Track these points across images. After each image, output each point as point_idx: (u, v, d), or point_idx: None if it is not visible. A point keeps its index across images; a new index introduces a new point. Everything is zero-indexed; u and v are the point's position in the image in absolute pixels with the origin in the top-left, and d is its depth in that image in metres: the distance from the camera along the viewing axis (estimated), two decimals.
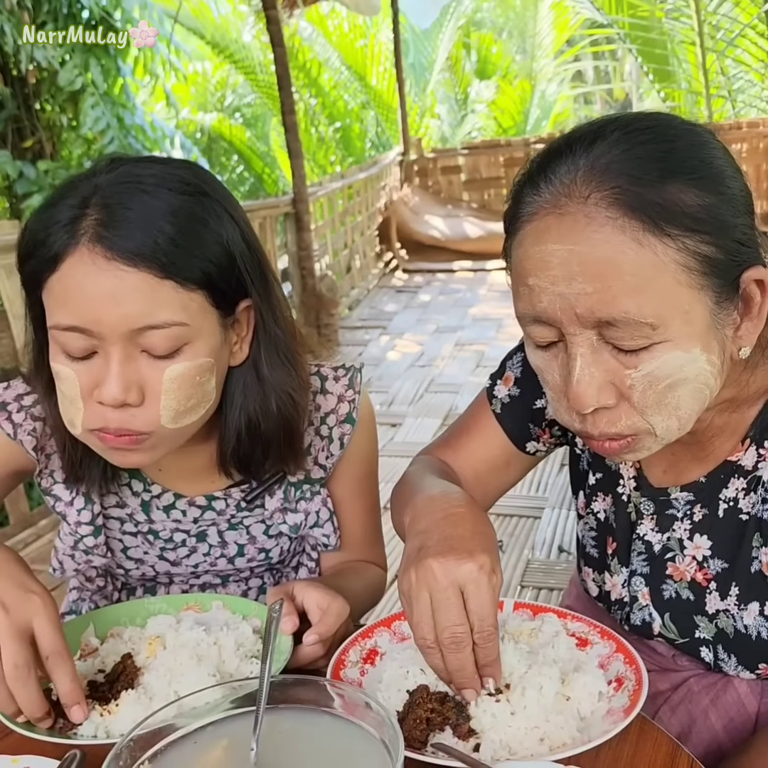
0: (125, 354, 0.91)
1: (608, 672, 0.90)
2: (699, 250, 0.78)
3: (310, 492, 1.16)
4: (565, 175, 0.80)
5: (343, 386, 1.17)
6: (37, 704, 0.84)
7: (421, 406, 4.67)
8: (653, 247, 0.76)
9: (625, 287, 0.76)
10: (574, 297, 0.78)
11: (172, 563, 1.19)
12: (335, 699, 0.71)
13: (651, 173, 0.77)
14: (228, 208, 0.98)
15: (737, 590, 0.95)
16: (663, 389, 0.81)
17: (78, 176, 0.96)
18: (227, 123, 11.55)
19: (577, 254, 0.77)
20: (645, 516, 1.03)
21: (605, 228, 0.77)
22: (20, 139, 6.57)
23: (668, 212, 0.76)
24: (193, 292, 0.92)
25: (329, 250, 7.28)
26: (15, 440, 1.09)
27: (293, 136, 5.74)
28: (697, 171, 0.79)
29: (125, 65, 6.93)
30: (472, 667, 0.82)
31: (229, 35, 11.03)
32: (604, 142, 0.80)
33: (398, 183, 9.42)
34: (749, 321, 0.84)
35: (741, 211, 0.81)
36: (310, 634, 0.94)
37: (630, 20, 9.61)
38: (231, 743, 0.72)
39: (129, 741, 0.68)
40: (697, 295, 0.79)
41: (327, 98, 11.77)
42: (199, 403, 0.97)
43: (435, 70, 12.93)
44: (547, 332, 0.83)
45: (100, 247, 0.89)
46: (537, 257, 0.80)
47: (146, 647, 0.98)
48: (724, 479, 0.96)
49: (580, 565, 1.16)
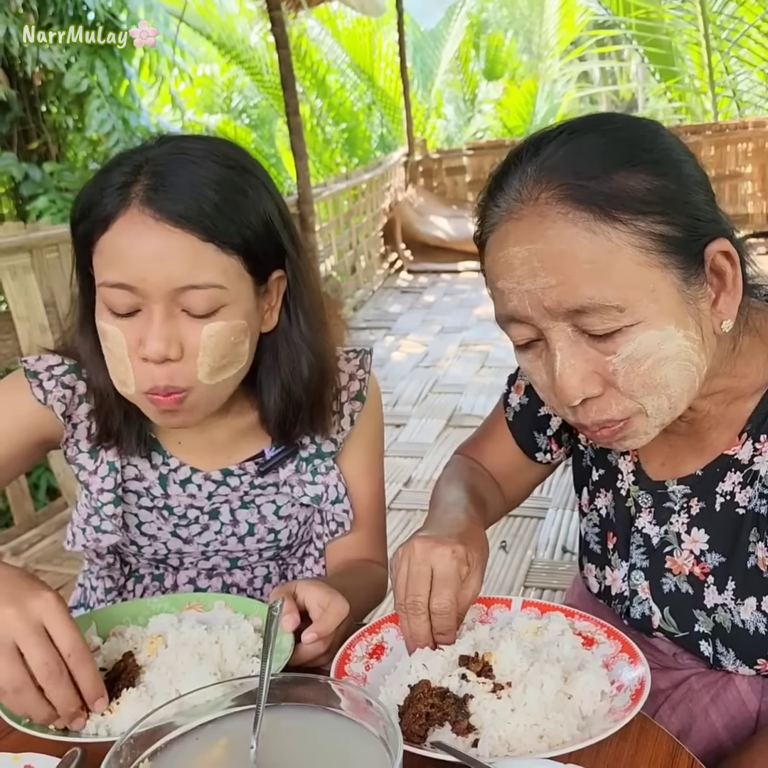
0: (167, 312, 0.97)
1: (612, 672, 0.90)
2: (653, 231, 0.81)
3: (324, 467, 1.20)
4: (517, 184, 0.85)
5: (354, 365, 1.24)
6: (74, 699, 0.84)
7: (425, 406, 4.68)
8: (606, 234, 0.80)
9: (585, 275, 0.80)
10: (540, 291, 0.82)
11: (184, 541, 1.22)
12: (335, 697, 0.71)
13: (595, 166, 0.81)
14: (266, 183, 1.05)
15: (734, 584, 0.95)
16: (646, 370, 0.83)
17: (129, 150, 1.04)
18: (232, 125, 11.57)
19: (535, 252, 0.82)
20: (643, 509, 1.04)
21: (557, 223, 0.81)
22: (26, 141, 6.60)
23: (616, 199, 0.80)
24: (231, 257, 0.99)
25: (334, 250, 7.28)
26: (45, 405, 1.12)
27: (298, 137, 5.75)
28: (641, 157, 0.82)
29: (131, 67, 6.95)
30: (426, 633, 0.92)
31: (235, 35, 11.05)
32: (549, 146, 0.84)
33: (403, 184, 9.42)
34: (726, 294, 0.86)
35: (694, 189, 0.85)
36: (309, 633, 0.95)
37: (636, 21, 9.61)
38: (231, 741, 0.72)
39: (129, 739, 0.68)
40: (661, 274, 0.82)
41: (334, 99, 11.79)
42: (232, 363, 1.03)
43: (441, 70, 12.93)
44: (524, 330, 0.87)
45: (150, 209, 0.96)
46: (501, 261, 0.85)
47: (148, 646, 0.98)
48: (720, 473, 0.97)
49: (583, 563, 1.17)
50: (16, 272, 3.07)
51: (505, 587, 2.73)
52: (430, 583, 0.91)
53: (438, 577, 0.91)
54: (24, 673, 0.82)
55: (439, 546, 0.92)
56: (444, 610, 0.91)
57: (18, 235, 3.12)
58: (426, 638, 0.92)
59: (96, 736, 0.86)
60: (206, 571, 1.26)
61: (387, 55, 11.81)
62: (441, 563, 0.91)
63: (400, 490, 3.63)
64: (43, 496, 4.39)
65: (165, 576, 1.26)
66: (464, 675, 0.87)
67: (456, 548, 0.92)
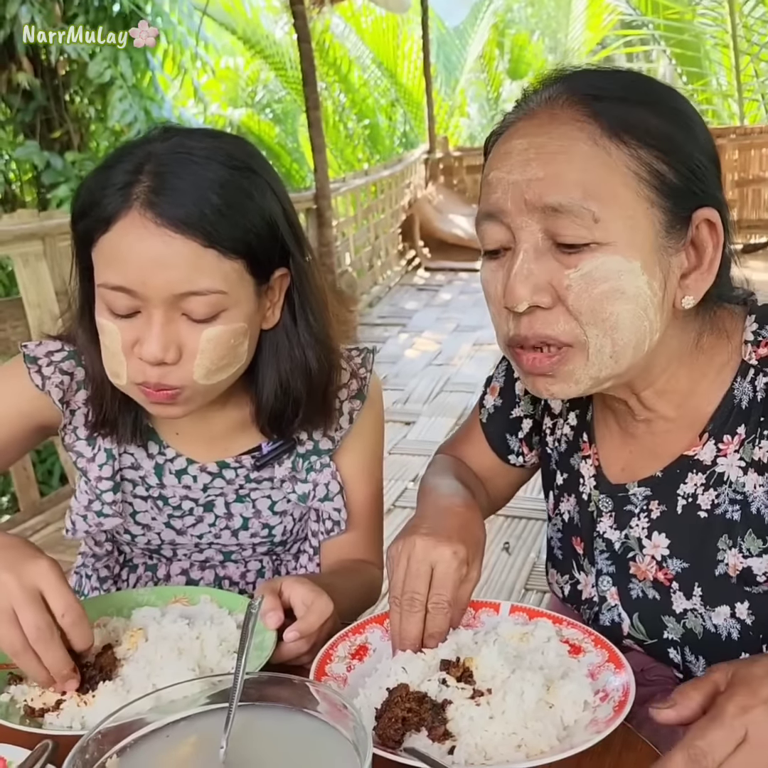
0: (167, 316, 0.97)
1: (597, 681, 0.88)
2: (652, 164, 0.83)
3: (319, 464, 1.19)
4: (541, 90, 0.89)
5: (356, 364, 1.23)
6: (64, 661, 0.87)
7: (435, 404, 4.65)
8: (607, 149, 0.82)
9: (574, 176, 0.82)
10: (526, 183, 0.83)
11: (177, 532, 1.21)
12: (310, 698, 0.70)
13: (621, 93, 0.85)
14: (271, 184, 1.04)
15: (700, 591, 0.93)
16: (599, 295, 0.82)
17: (132, 142, 1.02)
18: (256, 119, 11.60)
19: (535, 144, 0.84)
20: (604, 513, 1.03)
21: (566, 125, 0.84)
22: (49, 129, 6.65)
23: (628, 123, 0.83)
24: (233, 261, 0.98)
25: (351, 246, 7.27)
26: (43, 391, 1.13)
27: (317, 131, 5.75)
28: (665, 102, 0.87)
29: (154, 59, 6.97)
30: (417, 632, 0.91)
31: (260, 31, 11.07)
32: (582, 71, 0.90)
33: (423, 181, 9.40)
34: (699, 273, 0.87)
35: (702, 151, 0.86)
36: (291, 631, 0.94)
37: (664, 21, 9.52)
38: (201, 740, 0.71)
39: (97, 734, 0.66)
40: (645, 208, 0.83)
41: (357, 95, 11.78)
42: (231, 364, 1.03)
43: (465, 69, 12.88)
44: (497, 231, 0.87)
45: (151, 212, 0.94)
46: (501, 152, 0.87)
47: (128, 639, 0.97)
48: (681, 474, 0.95)
49: (548, 567, 1.16)
50: (29, 259, 3.09)
51: (506, 589, 2.72)
52: (429, 582, 0.91)
53: (438, 577, 0.91)
54: (21, 637, 0.85)
55: (441, 546, 0.91)
56: (442, 608, 0.91)
57: (31, 223, 3.14)
58: (416, 638, 0.91)
59: (70, 729, 0.85)
60: (199, 563, 1.25)
61: (411, 52, 11.79)
62: (442, 563, 0.91)
63: (406, 488, 3.62)
64: (57, 482, 4.42)
65: (158, 566, 1.26)
66: (444, 680, 0.85)
67: (457, 549, 0.91)
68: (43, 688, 0.90)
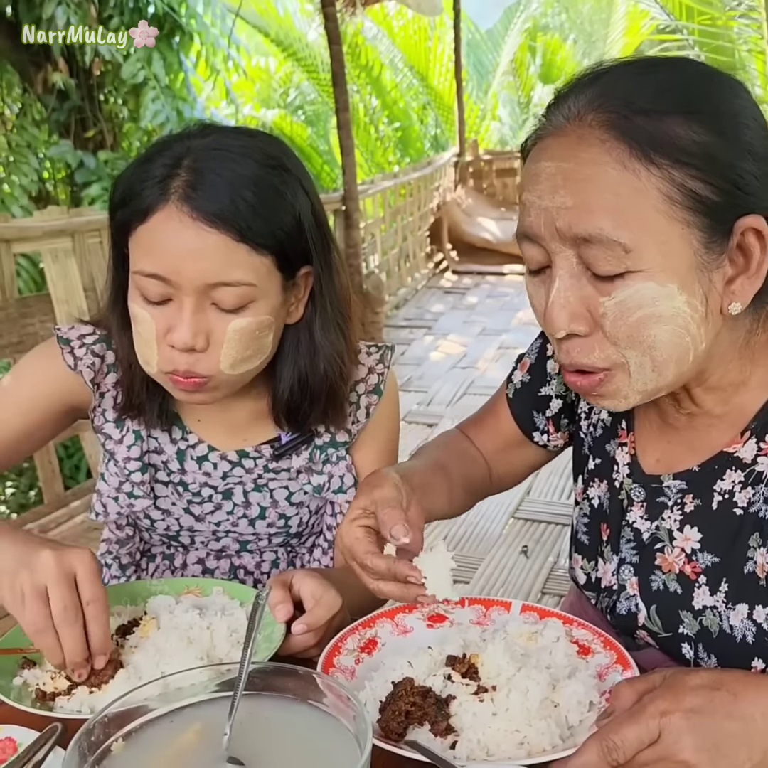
0: (197, 305, 1.01)
1: (604, 682, 0.88)
2: (686, 184, 0.78)
3: (336, 456, 1.21)
4: (571, 101, 0.84)
5: (375, 360, 1.25)
6: (81, 647, 0.89)
7: (459, 407, 4.64)
8: (637, 172, 0.78)
9: (603, 204, 0.79)
10: (555, 210, 0.81)
11: (196, 518, 1.23)
12: (314, 689, 0.70)
13: (651, 102, 0.80)
14: (303, 183, 1.07)
15: (727, 587, 0.92)
16: (635, 322, 0.81)
17: (171, 136, 1.07)
18: (288, 120, 11.65)
19: (563, 170, 0.81)
20: (635, 503, 1.01)
21: (593, 148, 0.80)
22: (83, 129, 6.72)
23: (658, 141, 0.78)
24: (263, 257, 1.02)
25: (378, 248, 7.28)
26: (75, 371, 1.16)
27: (346, 133, 5.76)
28: (702, 108, 0.80)
29: (187, 60, 7.03)
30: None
31: (293, 33, 11.12)
32: (616, 72, 0.84)
33: (452, 184, 9.39)
34: (746, 277, 0.83)
35: (746, 157, 0.81)
36: (299, 624, 0.95)
37: (699, 26, 9.43)
38: (206, 727, 0.72)
39: (103, 717, 0.68)
40: (680, 230, 0.79)
41: (388, 98, 11.79)
42: (255, 354, 1.06)
43: (498, 72, 12.85)
44: (535, 252, 0.86)
45: (187, 206, 0.98)
46: (531, 173, 0.85)
47: (141, 627, 0.98)
48: (719, 470, 0.93)
49: (571, 552, 1.14)
50: (57, 255, 3.13)
51: (523, 592, 2.71)
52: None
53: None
54: (47, 616, 0.88)
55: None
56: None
57: (60, 220, 3.18)
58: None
59: (79, 713, 0.87)
60: (215, 552, 1.27)
61: (442, 55, 11.78)
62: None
63: None
64: (84, 478, 4.47)
65: (175, 555, 1.28)
66: (449, 675, 0.85)
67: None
68: (54, 671, 0.91)
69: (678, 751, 0.68)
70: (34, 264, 5.31)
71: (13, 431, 1.17)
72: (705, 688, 0.71)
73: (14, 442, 1.18)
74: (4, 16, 5.91)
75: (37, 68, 6.24)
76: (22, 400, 1.18)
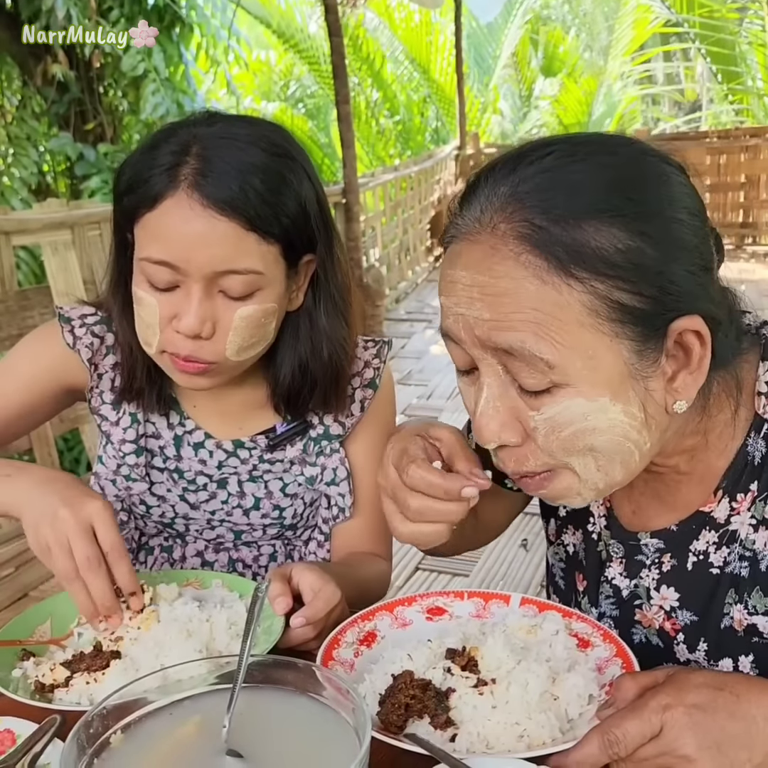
0: (205, 292, 1.01)
1: (603, 676, 0.87)
2: (611, 296, 0.73)
3: (329, 448, 1.21)
4: (483, 202, 0.77)
5: (371, 354, 1.25)
6: (109, 594, 0.95)
7: (459, 401, 4.54)
8: (557, 287, 0.73)
9: (523, 319, 0.74)
10: (473, 320, 0.76)
11: (191, 506, 1.24)
12: (313, 682, 0.70)
13: (567, 207, 0.73)
14: (308, 171, 1.08)
15: (706, 646, 0.92)
16: (568, 436, 0.76)
17: (176, 123, 1.06)
18: (289, 113, 11.63)
19: (479, 282, 0.76)
20: (614, 559, 0.99)
21: (508, 261, 0.74)
22: (83, 121, 6.71)
23: (578, 254, 0.72)
24: (271, 245, 1.02)
25: (379, 241, 7.27)
26: (73, 349, 1.17)
27: (346, 126, 5.75)
28: (624, 208, 0.74)
29: (187, 52, 7.01)
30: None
31: (294, 24, 11.09)
32: (530, 167, 0.76)
33: (453, 177, 9.37)
34: (688, 372, 0.78)
35: (677, 256, 0.75)
36: (298, 617, 0.95)
37: (699, 19, 9.40)
38: (205, 719, 0.72)
39: (102, 709, 0.67)
40: (608, 342, 0.74)
41: (389, 90, 11.77)
42: (259, 341, 1.08)
43: (499, 65, 12.82)
44: (461, 353, 0.81)
45: (198, 194, 0.98)
46: (447, 279, 0.80)
47: (142, 620, 0.98)
48: (696, 530, 0.92)
49: (549, 592, 1.13)
50: (57, 248, 3.13)
51: (522, 585, 2.71)
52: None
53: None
54: (74, 566, 0.93)
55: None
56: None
57: (60, 212, 3.18)
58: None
59: (78, 705, 0.87)
60: (213, 545, 1.27)
61: (443, 48, 11.74)
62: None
63: None
64: (84, 471, 4.47)
65: (174, 548, 1.28)
66: (449, 668, 0.85)
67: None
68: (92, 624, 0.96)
69: (679, 747, 0.68)
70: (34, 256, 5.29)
71: (14, 406, 1.18)
72: (708, 687, 0.71)
73: (15, 417, 1.19)
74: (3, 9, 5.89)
75: (36, 60, 6.22)
76: (24, 375, 1.19)
